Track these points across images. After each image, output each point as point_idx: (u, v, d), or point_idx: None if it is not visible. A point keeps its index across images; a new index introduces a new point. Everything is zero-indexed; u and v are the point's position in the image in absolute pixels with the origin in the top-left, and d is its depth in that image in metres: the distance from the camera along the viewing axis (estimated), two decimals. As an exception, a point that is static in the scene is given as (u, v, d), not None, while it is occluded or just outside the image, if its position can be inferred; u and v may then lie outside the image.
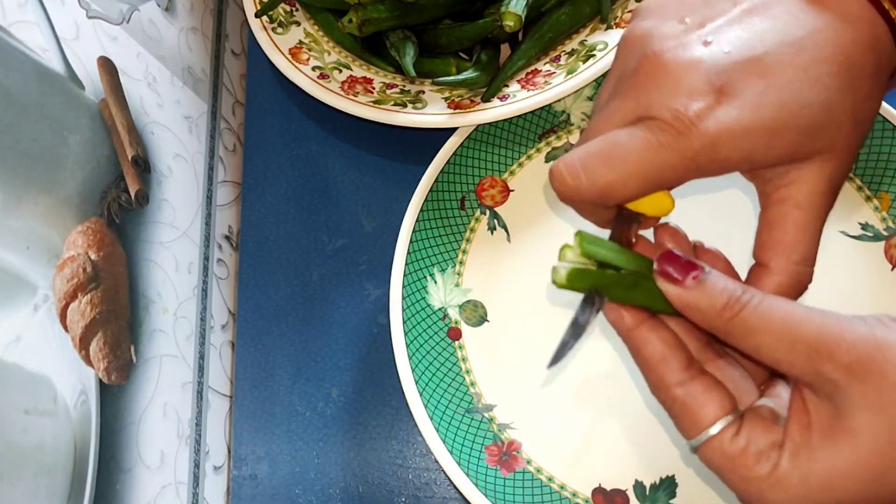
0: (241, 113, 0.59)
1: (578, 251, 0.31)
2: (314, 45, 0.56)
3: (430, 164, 0.50)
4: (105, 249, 0.45)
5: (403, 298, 0.47)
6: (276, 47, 0.55)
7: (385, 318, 0.50)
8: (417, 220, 0.49)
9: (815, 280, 0.45)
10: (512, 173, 0.51)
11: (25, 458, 0.37)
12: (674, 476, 0.43)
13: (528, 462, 0.44)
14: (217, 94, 0.58)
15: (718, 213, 0.48)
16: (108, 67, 0.49)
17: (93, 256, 0.44)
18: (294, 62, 0.54)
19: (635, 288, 0.30)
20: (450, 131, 0.50)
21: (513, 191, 0.51)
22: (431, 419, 0.44)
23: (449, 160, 0.50)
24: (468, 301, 0.49)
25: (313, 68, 0.54)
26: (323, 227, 0.54)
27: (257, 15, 0.56)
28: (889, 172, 0.46)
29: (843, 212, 0.47)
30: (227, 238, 0.55)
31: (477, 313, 0.49)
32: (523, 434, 0.45)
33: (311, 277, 0.53)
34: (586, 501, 0.43)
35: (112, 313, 0.44)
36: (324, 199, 0.55)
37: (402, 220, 0.49)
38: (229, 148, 0.57)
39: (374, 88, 0.53)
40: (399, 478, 0.47)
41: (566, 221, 0.50)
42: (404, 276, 0.47)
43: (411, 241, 0.48)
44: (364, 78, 0.54)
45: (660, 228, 0.33)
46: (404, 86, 0.54)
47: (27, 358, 0.39)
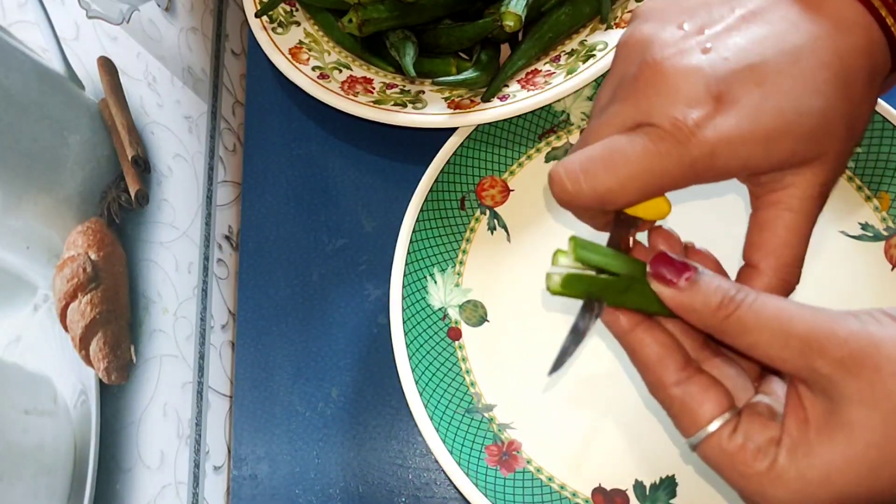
0: (241, 113, 0.59)
1: (572, 256, 0.31)
2: (314, 45, 0.56)
3: (430, 164, 0.50)
4: (105, 249, 0.45)
5: (403, 298, 0.47)
6: (276, 47, 0.55)
7: (385, 318, 0.50)
8: (417, 220, 0.49)
9: (815, 280, 0.46)
10: (512, 173, 0.51)
11: (25, 458, 0.37)
12: (674, 476, 0.43)
13: (528, 462, 0.44)
14: (217, 94, 0.58)
15: (715, 218, 0.48)
16: (108, 67, 0.49)
17: (93, 256, 0.44)
18: (294, 62, 0.54)
19: (630, 291, 0.31)
20: (450, 131, 0.50)
21: (513, 191, 0.51)
22: (431, 419, 0.44)
23: (449, 160, 0.50)
24: (468, 301, 0.49)
25: (313, 68, 0.54)
26: (323, 227, 0.54)
27: (257, 15, 0.56)
28: (889, 172, 0.46)
29: (843, 212, 0.47)
30: (227, 238, 0.55)
31: (477, 313, 0.49)
32: (523, 434, 0.45)
33: (311, 277, 0.53)
34: (586, 501, 0.43)
35: (112, 313, 0.44)
36: (324, 199, 0.55)
37: (402, 220, 0.49)
38: (229, 148, 0.57)
39: (374, 88, 0.53)
40: (399, 478, 0.47)
41: (565, 222, 0.50)
42: (404, 276, 0.47)
43: (411, 241, 0.48)
44: (364, 78, 0.54)
45: (653, 232, 0.34)
46: (404, 86, 0.54)
47: (27, 358, 0.39)
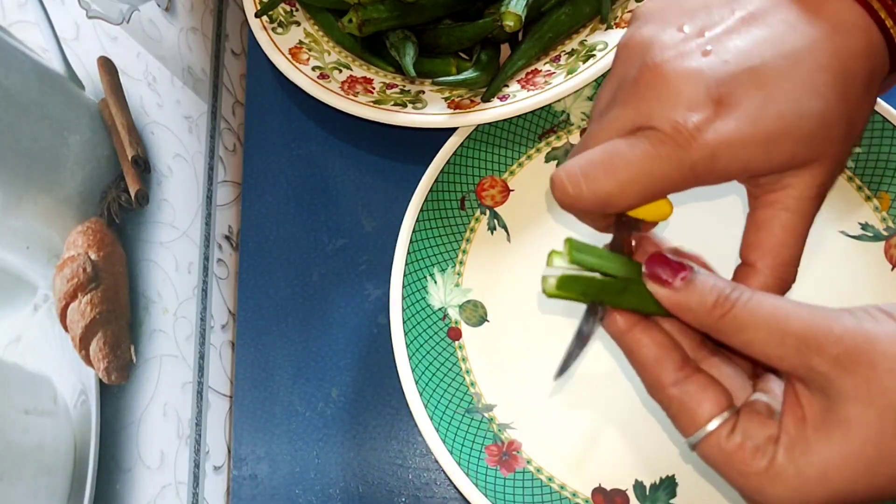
0: (241, 113, 0.59)
1: (567, 259, 0.31)
2: (314, 45, 0.56)
3: (430, 164, 0.50)
4: (105, 249, 0.45)
5: (403, 298, 0.47)
6: (276, 47, 0.55)
7: (385, 318, 0.50)
8: (417, 220, 0.49)
9: (815, 280, 0.46)
10: (512, 173, 0.51)
11: (25, 458, 0.37)
12: (674, 476, 0.43)
13: (528, 462, 0.44)
14: (217, 94, 0.58)
15: (716, 219, 0.48)
16: (108, 67, 0.49)
17: (93, 256, 0.44)
18: (294, 62, 0.54)
19: (626, 292, 0.31)
20: (450, 131, 0.50)
21: (513, 191, 0.51)
22: (431, 419, 0.44)
23: (449, 160, 0.50)
24: (468, 301, 0.49)
25: (313, 68, 0.54)
26: (323, 227, 0.54)
27: (257, 15, 0.56)
28: (889, 172, 0.46)
29: (843, 212, 0.47)
30: (227, 238, 0.55)
31: (477, 313, 0.49)
32: (523, 434, 0.45)
33: (311, 277, 0.53)
34: (586, 501, 0.43)
35: (112, 313, 0.44)
36: (324, 199, 0.55)
37: (402, 220, 0.49)
38: (229, 148, 0.57)
39: (374, 88, 0.53)
40: (399, 478, 0.47)
41: (566, 222, 0.50)
42: (404, 276, 0.47)
43: (411, 241, 0.48)
44: (364, 78, 0.54)
45: (642, 240, 0.34)
46: (404, 86, 0.54)
47: (27, 358, 0.39)
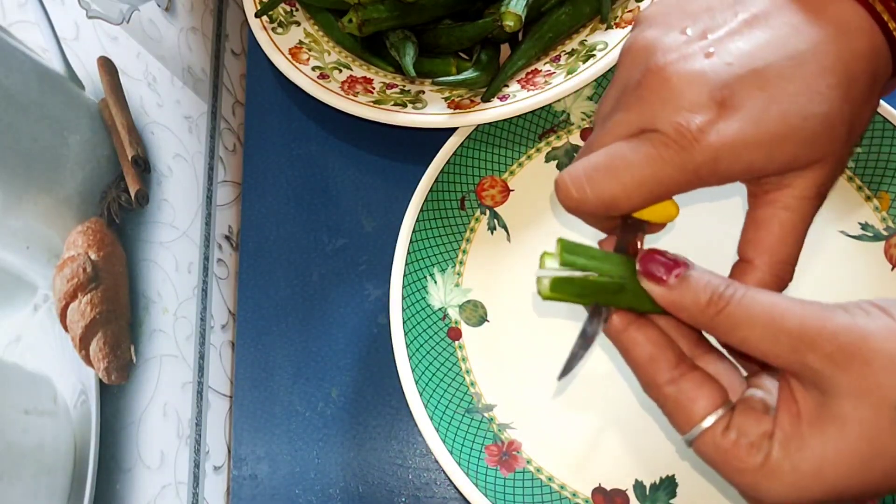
0: (241, 113, 0.59)
1: (558, 260, 0.31)
2: (314, 45, 0.56)
3: (430, 164, 0.50)
4: (105, 249, 0.45)
5: (403, 298, 0.47)
6: (276, 47, 0.55)
7: (385, 318, 0.50)
8: (417, 220, 0.49)
9: (815, 280, 0.46)
10: (512, 173, 0.51)
11: (25, 458, 0.37)
12: (674, 476, 0.43)
13: (528, 462, 0.44)
14: (217, 94, 0.58)
15: (718, 220, 0.48)
16: (108, 67, 0.49)
17: (93, 256, 0.44)
18: (294, 62, 0.54)
19: (621, 291, 0.31)
20: (450, 131, 0.50)
21: (513, 191, 0.51)
22: (431, 419, 0.44)
23: (449, 160, 0.50)
24: (468, 301, 0.49)
25: (313, 68, 0.54)
26: (323, 227, 0.54)
27: (257, 15, 0.56)
28: (889, 172, 0.46)
29: (843, 212, 0.47)
30: (227, 238, 0.55)
31: (477, 313, 0.49)
32: (523, 434, 0.45)
33: (311, 277, 0.53)
34: (586, 501, 0.43)
35: (112, 313, 0.44)
36: (324, 199, 0.55)
37: (402, 220, 0.49)
38: (229, 148, 0.57)
39: (374, 88, 0.53)
40: (399, 478, 0.47)
41: (566, 222, 0.50)
42: (404, 276, 0.47)
43: (411, 241, 0.48)
44: (364, 78, 0.54)
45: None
46: (404, 86, 0.54)
47: (27, 358, 0.39)
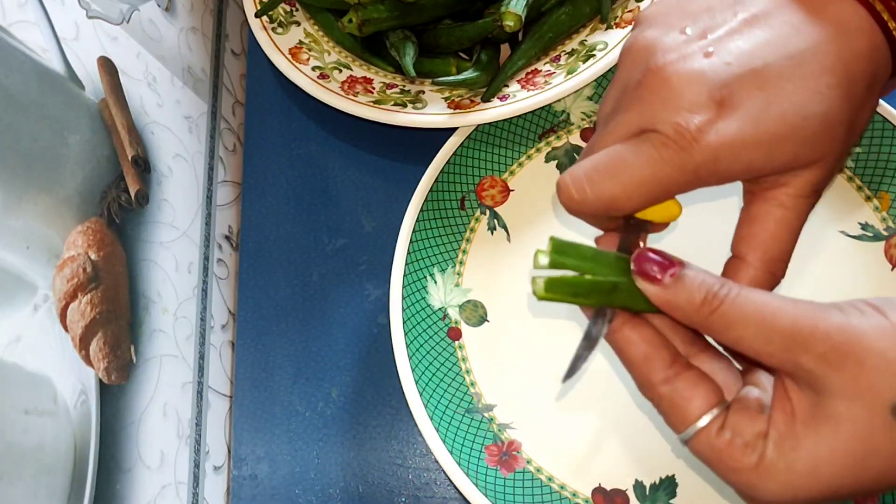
0: (241, 113, 0.59)
1: (548, 262, 0.31)
2: (314, 45, 0.56)
3: (430, 164, 0.50)
4: (105, 249, 0.45)
5: (403, 298, 0.47)
6: (276, 47, 0.55)
7: (385, 318, 0.50)
8: (417, 220, 0.49)
9: (815, 280, 0.46)
10: (512, 173, 0.51)
11: (25, 458, 0.37)
12: (674, 476, 0.43)
13: (528, 462, 0.44)
14: (217, 94, 0.58)
15: (720, 220, 0.47)
16: (108, 67, 0.49)
17: (93, 256, 0.44)
18: (294, 62, 0.54)
19: (616, 291, 0.30)
20: (450, 131, 0.50)
21: (513, 191, 0.51)
22: (431, 419, 0.44)
23: (449, 160, 0.50)
24: (468, 301, 0.49)
25: (313, 68, 0.54)
26: (323, 227, 0.54)
27: (257, 15, 0.56)
28: (889, 172, 0.46)
29: (843, 212, 0.47)
30: (227, 238, 0.55)
31: (477, 313, 0.49)
32: (523, 434, 0.45)
33: (311, 277, 0.53)
34: (586, 501, 0.43)
35: (112, 313, 0.44)
36: (324, 199, 0.55)
37: (402, 220, 0.49)
38: (229, 148, 0.57)
39: (374, 88, 0.53)
40: (399, 478, 0.47)
41: (566, 222, 0.50)
42: (404, 276, 0.47)
43: (411, 241, 0.48)
44: (364, 78, 0.54)
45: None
46: (404, 86, 0.54)
47: (27, 358, 0.39)
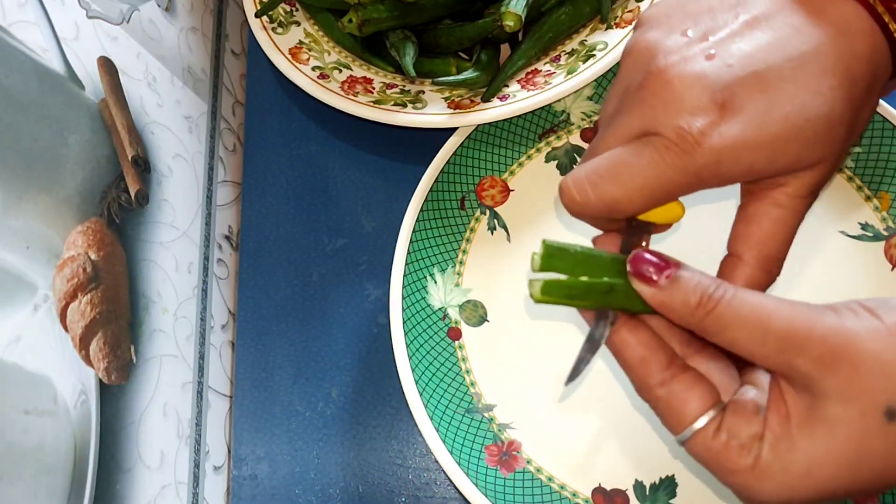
0: (241, 113, 0.59)
1: (539, 265, 0.30)
2: (314, 45, 0.56)
3: (430, 164, 0.50)
4: (105, 249, 0.45)
5: (403, 298, 0.47)
6: (276, 47, 0.55)
7: (385, 318, 0.50)
8: (417, 220, 0.49)
9: (815, 280, 0.46)
10: (512, 173, 0.51)
11: (25, 458, 0.37)
12: (674, 476, 0.43)
13: (528, 462, 0.44)
14: (217, 94, 0.58)
15: (723, 221, 0.47)
16: (108, 67, 0.49)
17: (93, 256, 0.44)
18: (294, 62, 0.54)
19: (612, 292, 0.30)
20: (450, 131, 0.50)
21: (513, 191, 0.51)
22: (431, 419, 0.44)
23: (449, 160, 0.50)
24: (468, 301, 0.49)
25: (313, 68, 0.54)
26: (323, 227, 0.54)
27: (257, 15, 0.56)
28: (889, 172, 0.46)
29: (843, 212, 0.47)
30: (227, 238, 0.55)
31: (477, 313, 0.49)
32: (523, 434, 0.45)
33: (311, 277, 0.53)
34: (586, 501, 0.43)
35: (112, 313, 0.44)
36: (324, 199, 0.55)
37: (402, 220, 0.49)
38: (229, 148, 0.57)
39: (374, 88, 0.53)
40: (399, 478, 0.47)
41: (566, 222, 0.50)
42: (404, 276, 0.47)
43: (411, 241, 0.48)
44: (364, 78, 0.54)
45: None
46: (404, 86, 0.54)
47: (27, 358, 0.39)
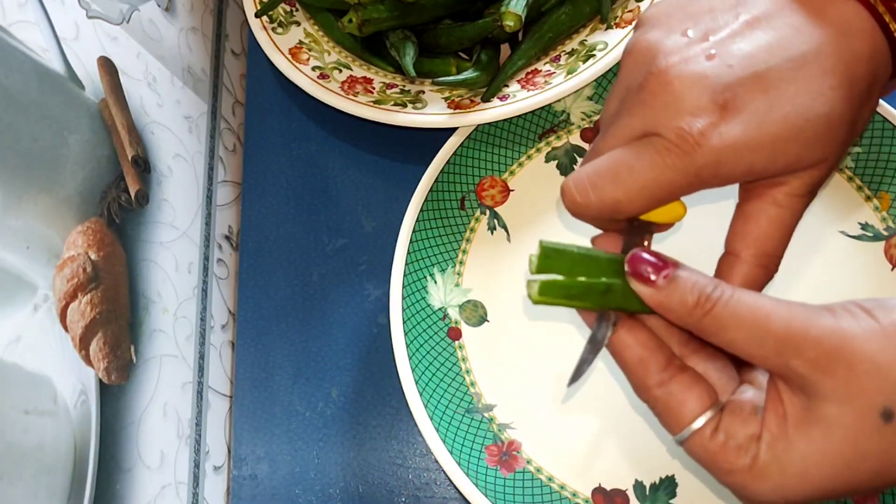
0: (241, 113, 0.59)
1: (536, 267, 0.30)
2: (314, 45, 0.56)
3: (430, 164, 0.50)
4: (105, 249, 0.45)
5: (403, 298, 0.47)
6: (276, 47, 0.55)
7: (385, 318, 0.50)
8: (417, 220, 0.49)
9: (815, 280, 0.46)
10: (512, 173, 0.51)
11: (25, 458, 0.37)
12: (674, 476, 0.43)
13: (528, 462, 0.44)
14: (217, 94, 0.58)
15: (724, 221, 0.47)
16: (108, 67, 0.49)
17: (93, 256, 0.44)
18: (294, 62, 0.54)
19: (610, 292, 0.30)
20: (450, 131, 0.50)
21: (513, 191, 0.51)
22: (431, 419, 0.44)
23: (449, 160, 0.50)
24: (468, 301, 0.49)
25: (313, 68, 0.54)
26: (323, 227, 0.54)
27: (257, 15, 0.56)
28: (889, 172, 0.46)
29: (843, 212, 0.47)
30: (227, 238, 0.55)
31: (477, 313, 0.49)
32: (523, 434, 0.45)
33: (311, 277, 0.53)
34: (586, 501, 0.43)
35: (112, 313, 0.44)
36: (324, 199, 0.55)
37: (402, 220, 0.49)
38: (229, 148, 0.57)
39: (374, 88, 0.53)
40: (399, 478, 0.47)
41: (567, 222, 0.50)
42: (404, 276, 0.47)
43: (411, 241, 0.48)
44: (364, 78, 0.54)
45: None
46: (404, 86, 0.54)
47: (27, 358, 0.39)
